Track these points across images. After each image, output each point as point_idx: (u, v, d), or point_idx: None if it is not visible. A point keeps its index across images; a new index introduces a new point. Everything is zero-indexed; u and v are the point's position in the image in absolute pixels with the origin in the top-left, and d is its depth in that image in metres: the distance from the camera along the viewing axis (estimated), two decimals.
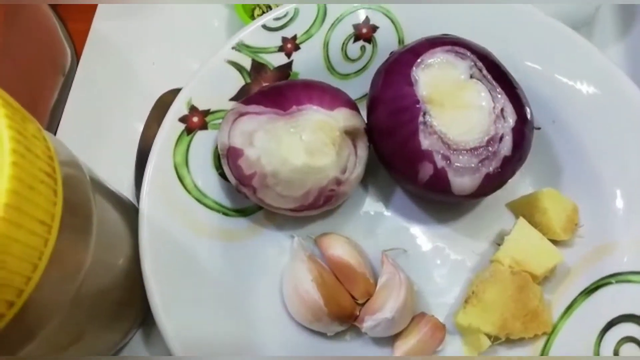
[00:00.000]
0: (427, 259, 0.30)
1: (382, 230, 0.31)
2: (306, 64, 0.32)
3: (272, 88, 0.29)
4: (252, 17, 0.38)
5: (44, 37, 0.34)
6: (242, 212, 0.30)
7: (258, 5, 0.38)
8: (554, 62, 0.31)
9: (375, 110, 0.29)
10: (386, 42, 0.33)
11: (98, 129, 0.36)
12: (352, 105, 0.29)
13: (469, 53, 0.27)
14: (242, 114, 0.27)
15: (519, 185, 0.31)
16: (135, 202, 0.33)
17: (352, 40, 0.33)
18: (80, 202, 0.23)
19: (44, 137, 0.20)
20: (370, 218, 0.32)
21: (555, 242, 0.29)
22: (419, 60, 0.27)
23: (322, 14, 0.32)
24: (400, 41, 0.33)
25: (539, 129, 0.30)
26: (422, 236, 0.31)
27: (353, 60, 0.33)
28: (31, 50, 0.33)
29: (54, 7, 0.39)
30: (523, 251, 0.28)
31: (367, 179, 0.32)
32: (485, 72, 0.27)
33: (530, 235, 0.28)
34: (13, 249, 0.16)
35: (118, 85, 0.37)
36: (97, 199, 0.25)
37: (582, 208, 0.30)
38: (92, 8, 0.41)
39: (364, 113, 0.30)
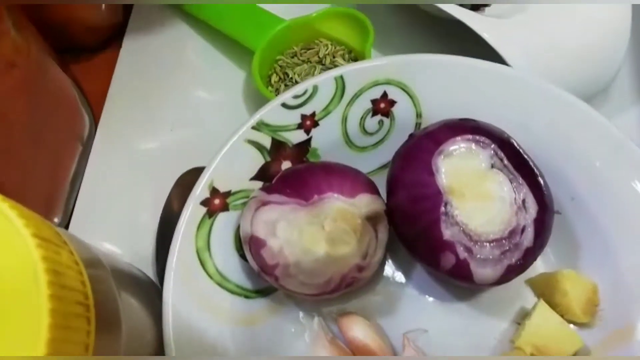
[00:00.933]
0: (448, 338, 0.31)
1: (402, 307, 0.31)
2: (324, 139, 0.33)
3: (293, 174, 0.29)
4: (269, 84, 0.38)
5: (65, 111, 0.35)
6: (262, 293, 0.30)
7: (274, 71, 0.38)
8: (572, 138, 0.31)
9: (395, 193, 0.29)
10: (404, 116, 0.33)
11: (117, 202, 0.36)
12: (372, 189, 0.29)
13: (489, 142, 0.28)
14: (264, 203, 0.28)
15: (538, 261, 0.31)
16: (154, 277, 0.34)
17: (370, 114, 0.33)
18: (107, 305, 0.23)
19: (76, 261, 0.20)
20: (390, 294, 0.32)
21: (575, 323, 0.29)
22: (439, 149, 0.27)
23: (341, 91, 0.32)
24: (418, 115, 0.33)
25: (559, 213, 0.30)
26: (442, 314, 0.31)
27: (371, 134, 0.33)
28: (53, 127, 0.33)
29: (69, 69, 0.40)
30: (544, 337, 0.28)
31: (387, 255, 0.32)
32: (506, 161, 0.27)
33: (551, 319, 0.28)
34: None
35: (136, 154, 0.38)
36: (122, 295, 0.25)
37: (601, 287, 0.30)
38: (110, 70, 0.41)
39: (381, 183, 0.30)
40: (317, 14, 0.38)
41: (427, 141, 0.28)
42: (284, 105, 0.32)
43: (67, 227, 0.36)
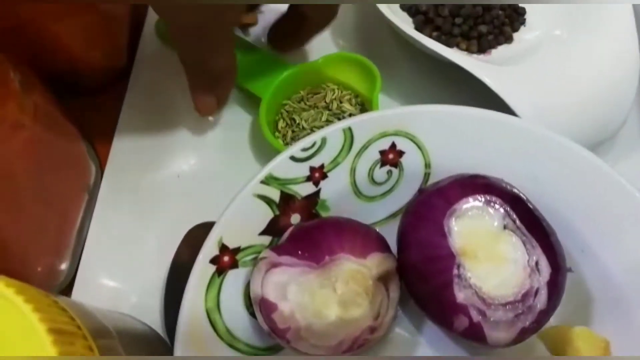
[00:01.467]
0: None
1: None
2: (333, 190, 0.32)
3: (304, 233, 0.29)
4: (276, 129, 0.38)
5: (72, 163, 0.34)
6: (272, 350, 0.30)
7: (281, 117, 0.38)
8: (580, 190, 0.31)
9: (406, 251, 0.29)
10: (413, 166, 0.33)
11: (124, 250, 0.36)
12: (383, 246, 0.29)
13: (501, 202, 0.27)
14: (274, 265, 0.27)
15: None
16: (162, 328, 0.33)
17: (378, 165, 0.33)
18: None
19: (90, 347, 0.20)
20: (402, 349, 0.32)
21: None
22: (451, 209, 0.27)
23: (349, 142, 0.32)
24: (427, 165, 0.33)
25: (571, 271, 0.30)
26: None
27: (380, 184, 0.33)
28: (61, 180, 0.33)
29: (74, 112, 0.40)
30: None
31: (398, 308, 0.32)
32: (518, 222, 0.27)
33: None
34: None
35: (143, 202, 0.37)
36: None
37: (614, 342, 0.30)
38: (115, 111, 0.41)
39: (390, 232, 0.30)
40: (324, 58, 0.38)
41: (438, 200, 0.28)
42: (292, 158, 0.32)
43: (75, 274, 0.36)
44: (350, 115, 0.38)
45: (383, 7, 0.36)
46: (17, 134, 0.28)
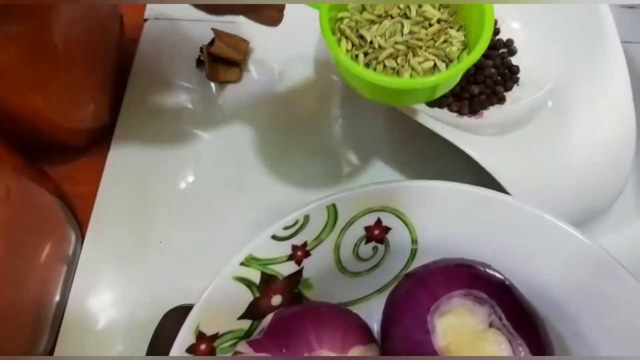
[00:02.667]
0: None
1: None
2: (316, 268, 0.31)
3: (281, 325, 0.28)
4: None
5: (50, 235, 0.33)
6: None
7: (343, 35, 0.28)
8: (572, 271, 0.30)
9: (390, 342, 0.28)
10: (399, 243, 0.32)
11: (103, 323, 0.35)
12: (365, 337, 0.28)
13: (487, 297, 0.26)
14: None
15: None
16: None
17: (364, 241, 0.32)
18: None
19: None
20: None
21: None
22: (435, 304, 0.26)
23: (333, 219, 0.31)
24: (414, 241, 0.32)
25: None
26: None
27: (365, 260, 0.32)
28: (38, 253, 0.32)
29: (53, 173, 0.39)
30: None
31: None
32: (504, 320, 0.26)
33: None
34: None
35: (123, 272, 0.36)
36: None
37: None
38: (97, 170, 0.40)
39: (376, 307, 0.29)
40: None
41: (423, 293, 0.27)
42: (274, 237, 0.31)
43: (53, 347, 0.35)
44: (439, 21, 0.28)
45: None
46: None
